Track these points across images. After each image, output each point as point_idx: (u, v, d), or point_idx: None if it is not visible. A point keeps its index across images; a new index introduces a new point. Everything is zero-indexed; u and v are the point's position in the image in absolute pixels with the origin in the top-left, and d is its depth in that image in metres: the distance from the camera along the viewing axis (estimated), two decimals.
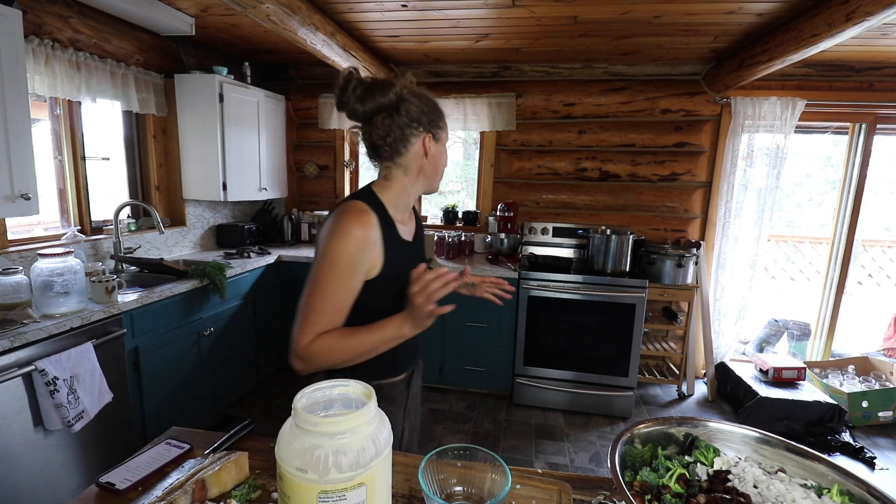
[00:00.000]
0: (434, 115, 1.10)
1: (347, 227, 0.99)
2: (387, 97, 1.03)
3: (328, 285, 0.98)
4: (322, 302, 0.98)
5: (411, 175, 1.13)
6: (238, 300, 2.83)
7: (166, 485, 0.82)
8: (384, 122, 1.05)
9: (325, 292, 0.98)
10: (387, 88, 1.03)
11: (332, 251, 0.98)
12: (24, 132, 1.79)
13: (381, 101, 1.03)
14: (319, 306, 0.98)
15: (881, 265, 5.56)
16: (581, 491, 0.89)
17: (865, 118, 3.18)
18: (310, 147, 3.94)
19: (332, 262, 0.98)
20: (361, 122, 1.09)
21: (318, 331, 0.97)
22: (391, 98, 1.03)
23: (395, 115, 1.04)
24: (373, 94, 1.03)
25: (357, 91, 1.03)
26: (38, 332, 1.64)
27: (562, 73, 3.41)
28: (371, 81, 1.04)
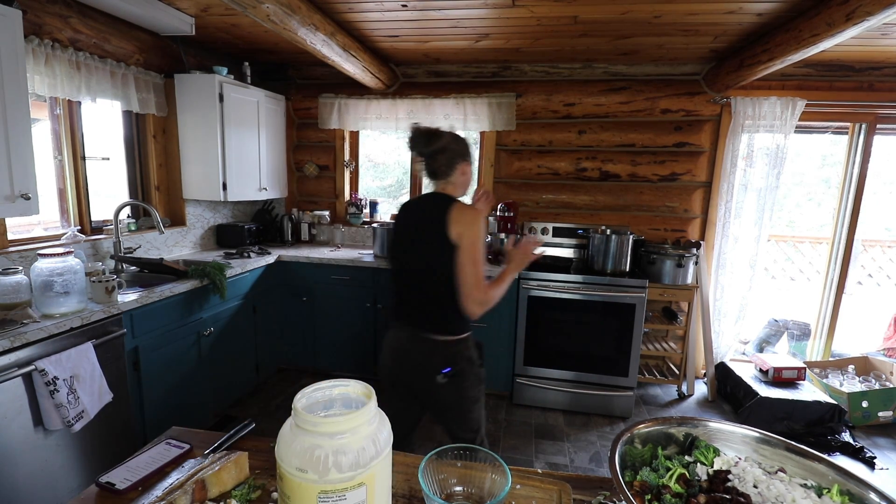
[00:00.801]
0: (467, 149, 1.70)
1: (480, 217, 1.57)
2: (441, 141, 1.64)
3: (482, 254, 1.55)
4: (482, 266, 1.55)
5: (457, 188, 1.71)
6: (238, 300, 2.83)
7: (166, 485, 0.82)
8: (440, 157, 1.64)
9: (481, 259, 1.55)
10: (440, 136, 1.65)
11: (480, 233, 1.54)
12: (24, 132, 1.79)
13: (438, 145, 1.64)
14: (482, 269, 1.55)
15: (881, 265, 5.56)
16: (581, 491, 0.89)
17: (865, 118, 3.18)
18: (310, 147, 3.93)
19: (481, 239, 1.54)
20: (425, 157, 1.67)
21: (485, 285, 1.54)
22: (443, 142, 1.64)
23: (446, 152, 1.64)
24: (431, 139, 1.65)
25: (422, 138, 1.66)
26: (38, 332, 1.64)
27: (562, 73, 3.41)
28: (430, 132, 1.66)
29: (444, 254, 1.53)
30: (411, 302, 1.66)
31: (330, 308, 3.28)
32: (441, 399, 1.63)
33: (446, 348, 1.60)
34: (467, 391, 1.64)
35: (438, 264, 1.56)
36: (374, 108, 3.64)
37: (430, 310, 1.61)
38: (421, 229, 1.62)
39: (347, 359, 3.34)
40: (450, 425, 1.70)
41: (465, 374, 1.62)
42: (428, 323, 1.61)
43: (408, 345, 1.64)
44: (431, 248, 1.57)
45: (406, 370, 1.65)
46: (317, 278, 3.26)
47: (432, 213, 1.59)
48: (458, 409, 1.65)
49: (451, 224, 1.53)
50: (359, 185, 4.10)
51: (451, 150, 1.64)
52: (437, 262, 1.56)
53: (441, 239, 1.53)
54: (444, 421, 1.71)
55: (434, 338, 1.59)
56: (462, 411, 1.66)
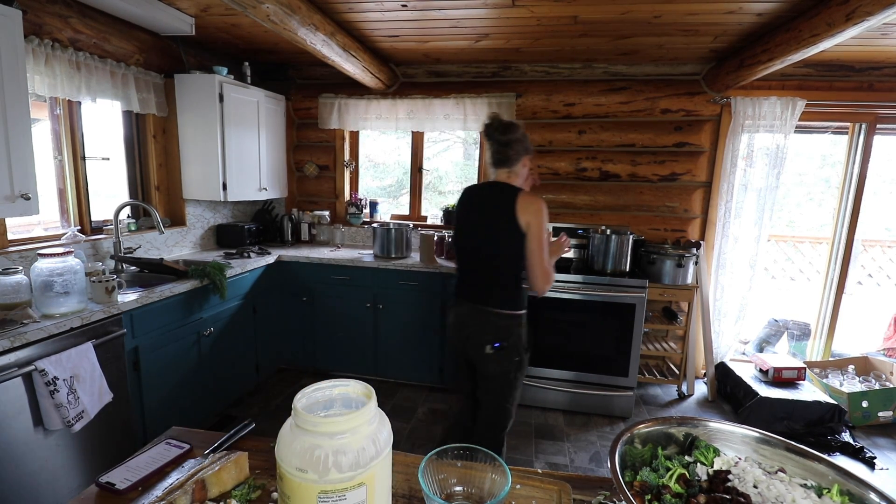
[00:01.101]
0: (530, 144, 1.87)
1: (544, 206, 1.77)
2: (516, 133, 1.80)
3: (547, 239, 1.77)
4: (546, 249, 1.78)
5: (519, 178, 1.87)
6: (238, 300, 2.83)
7: (166, 485, 0.82)
8: (513, 147, 1.80)
9: (546, 243, 1.77)
10: (515, 127, 1.80)
11: (545, 221, 1.75)
12: (24, 132, 1.79)
13: (513, 135, 1.79)
14: (547, 252, 1.78)
15: (881, 265, 5.56)
16: (581, 491, 0.89)
17: (865, 118, 3.18)
18: (310, 147, 3.93)
19: (546, 226, 1.76)
20: (498, 145, 1.80)
21: (549, 266, 1.79)
22: (518, 134, 1.80)
23: (518, 143, 1.80)
24: (508, 129, 1.79)
25: (500, 127, 1.79)
26: (38, 332, 1.64)
27: (562, 73, 3.41)
28: (507, 123, 1.81)
29: (511, 238, 1.75)
30: (475, 280, 1.88)
31: (330, 308, 3.28)
32: (489, 371, 1.85)
33: (502, 321, 1.81)
34: (510, 370, 1.83)
35: (505, 247, 1.78)
36: (374, 108, 3.64)
37: (492, 287, 1.83)
38: (488, 215, 1.83)
39: (347, 359, 3.34)
40: (487, 408, 1.91)
41: (512, 350, 1.82)
42: (489, 298, 1.83)
43: (468, 318, 1.87)
44: (499, 233, 1.78)
45: (464, 340, 1.89)
46: (317, 278, 3.26)
47: (500, 200, 1.78)
48: (498, 386, 1.86)
49: (519, 213, 1.73)
50: (359, 185, 4.10)
51: (521, 142, 1.80)
52: (503, 246, 1.78)
53: (509, 225, 1.74)
54: (484, 398, 1.91)
55: (493, 311, 1.81)
56: (502, 393, 1.86)
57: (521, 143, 1.81)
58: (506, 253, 1.78)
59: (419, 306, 3.14)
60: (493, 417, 1.89)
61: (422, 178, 3.91)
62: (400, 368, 3.29)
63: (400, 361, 3.28)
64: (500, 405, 1.88)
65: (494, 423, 1.90)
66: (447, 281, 3.07)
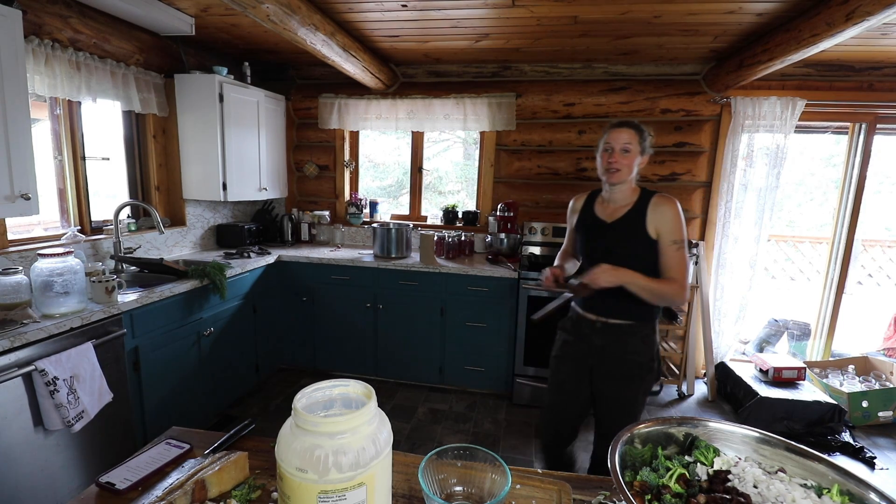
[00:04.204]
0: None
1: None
2: (645, 134, 1.69)
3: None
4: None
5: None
6: (238, 300, 2.83)
7: (166, 485, 0.82)
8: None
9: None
10: (643, 129, 1.68)
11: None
12: (24, 132, 1.79)
13: (645, 139, 1.68)
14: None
15: (881, 265, 5.56)
16: (581, 491, 0.89)
17: (865, 118, 3.18)
18: (310, 147, 3.93)
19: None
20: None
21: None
22: (645, 134, 1.69)
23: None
24: (640, 129, 1.68)
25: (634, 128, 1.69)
26: (38, 332, 1.64)
27: (562, 73, 3.41)
28: (637, 124, 1.69)
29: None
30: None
31: (330, 308, 3.28)
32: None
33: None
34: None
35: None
36: (374, 108, 3.64)
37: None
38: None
39: (347, 359, 3.34)
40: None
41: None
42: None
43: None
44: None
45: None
46: (317, 278, 3.26)
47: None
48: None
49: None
50: (359, 185, 4.10)
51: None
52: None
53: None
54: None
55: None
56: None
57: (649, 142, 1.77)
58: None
59: (419, 306, 3.14)
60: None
61: (422, 178, 3.91)
62: (400, 368, 3.29)
63: (400, 361, 3.28)
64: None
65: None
66: (447, 281, 3.07)
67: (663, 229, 1.57)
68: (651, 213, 1.60)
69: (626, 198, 1.67)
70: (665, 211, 1.58)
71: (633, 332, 1.66)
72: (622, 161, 1.61)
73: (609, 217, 1.69)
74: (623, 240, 1.64)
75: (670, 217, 1.58)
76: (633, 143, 1.61)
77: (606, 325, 1.68)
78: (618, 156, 1.60)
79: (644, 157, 1.66)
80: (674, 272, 1.57)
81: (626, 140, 1.61)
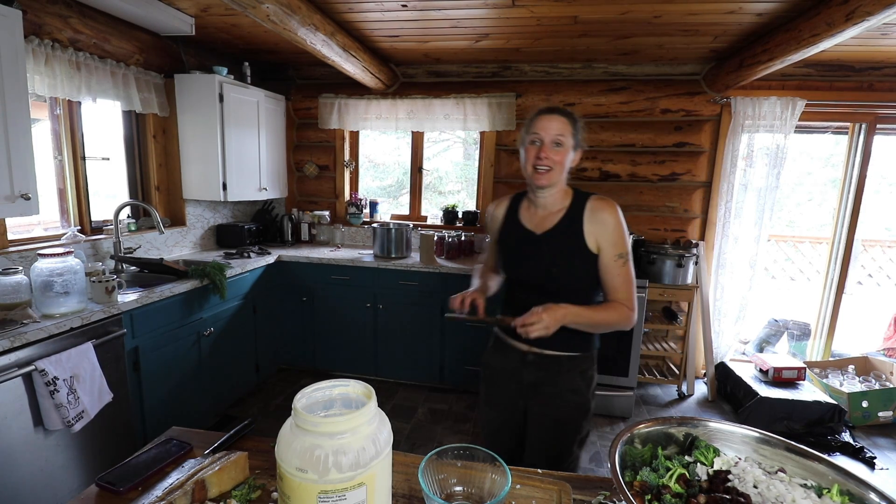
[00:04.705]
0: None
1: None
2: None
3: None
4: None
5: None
6: (238, 300, 2.83)
7: (166, 485, 0.82)
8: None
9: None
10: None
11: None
12: (24, 132, 1.79)
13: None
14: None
15: (881, 265, 5.56)
16: (581, 491, 0.89)
17: (865, 118, 3.18)
18: (310, 147, 3.93)
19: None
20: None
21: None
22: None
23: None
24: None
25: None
26: (38, 332, 1.64)
27: (562, 73, 3.41)
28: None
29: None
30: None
31: (330, 308, 3.28)
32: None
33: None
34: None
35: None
36: (374, 108, 3.64)
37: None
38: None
39: (347, 359, 3.34)
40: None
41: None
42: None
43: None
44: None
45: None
46: (317, 278, 3.26)
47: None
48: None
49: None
50: (359, 185, 4.10)
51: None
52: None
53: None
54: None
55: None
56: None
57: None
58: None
59: (419, 306, 3.14)
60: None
61: (422, 178, 3.91)
62: (400, 368, 3.29)
63: (400, 361, 3.28)
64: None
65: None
66: (447, 281, 3.07)
67: (605, 241, 1.31)
68: (588, 220, 1.33)
69: (557, 202, 1.38)
70: (605, 219, 1.31)
71: (572, 366, 1.38)
72: (553, 157, 1.30)
73: (538, 227, 1.39)
74: (557, 255, 1.35)
75: (612, 226, 1.31)
76: (565, 135, 1.31)
77: (540, 357, 1.38)
78: (548, 150, 1.30)
79: (577, 153, 1.38)
80: (621, 293, 1.32)
81: (558, 131, 1.30)
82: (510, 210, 1.50)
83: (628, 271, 1.31)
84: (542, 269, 1.37)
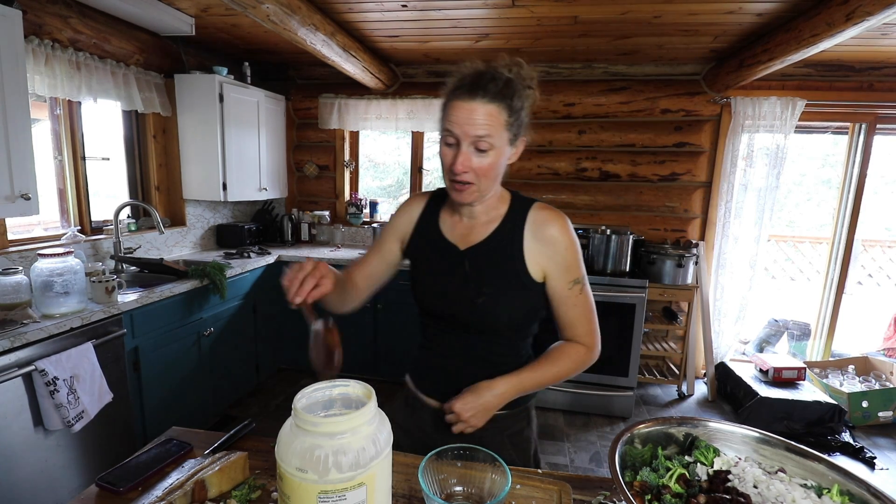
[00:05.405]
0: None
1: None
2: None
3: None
4: None
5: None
6: (238, 300, 2.83)
7: (166, 485, 0.82)
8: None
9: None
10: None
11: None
12: (24, 132, 1.79)
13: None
14: None
15: (881, 265, 5.56)
16: (581, 491, 0.89)
17: (865, 118, 3.18)
18: (310, 147, 3.93)
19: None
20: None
21: None
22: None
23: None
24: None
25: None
26: (38, 332, 1.64)
27: (562, 73, 3.41)
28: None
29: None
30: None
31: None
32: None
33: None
34: None
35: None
36: (374, 108, 3.64)
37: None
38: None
39: (348, 359, 3.33)
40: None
41: None
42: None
43: None
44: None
45: None
46: None
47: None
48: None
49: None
50: (359, 185, 4.10)
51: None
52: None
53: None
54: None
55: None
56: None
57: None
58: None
59: None
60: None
61: (422, 178, 3.91)
62: (400, 368, 3.28)
63: (400, 361, 3.27)
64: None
65: None
66: None
67: (555, 266, 0.98)
68: (531, 237, 0.99)
69: (490, 209, 1.03)
70: (554, 237, 0.98)
71: (502, 427, 1.04)
72: (477, 167, 0.91)
73: (463, 241, 1.03)
74: (485, 280, 0.99)
75: (563, 245, 0.98)
76: (494, 132, 0.89)
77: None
78: (467, 158, 0.90)
79: (518, 145, 0.97)
80: (580, 328, 1.02)
81: (483, 129, 0.88)
82: (427, 213, 1.09)
83: (587, 299, 1.02)
84: (464, 297, 0.99)
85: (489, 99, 0.89)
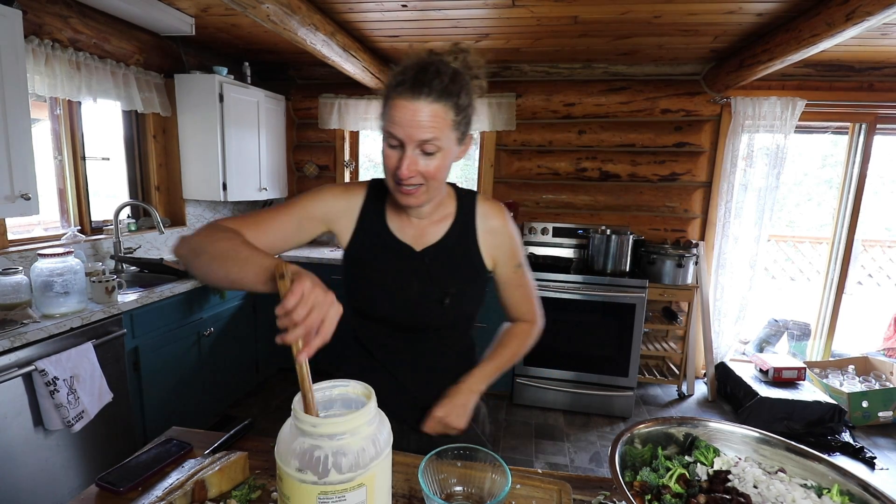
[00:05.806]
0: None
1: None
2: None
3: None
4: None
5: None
6: (238, 300, 2.83)
7: (166, 485, 0.82)
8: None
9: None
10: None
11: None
12: (24, 132, 1.79)
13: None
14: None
15: (881, 265, 5.56)
16: (581, 491, 0.89)
17: (865, 118, 3.18)
18: (310, 147, 3.93)
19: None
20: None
21: None
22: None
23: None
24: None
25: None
26: (38, 332, 1.64)
27: (562, 73, 3.41)
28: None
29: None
30: None
31: None
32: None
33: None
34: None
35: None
36: (374, 108, 3.63)
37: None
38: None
39: None
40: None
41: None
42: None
43: None
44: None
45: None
46: None
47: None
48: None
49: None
50: None
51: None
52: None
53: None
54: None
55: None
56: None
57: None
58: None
59: None
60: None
61: None
62: None
63: None
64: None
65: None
66: None
67: (502, 253, 1.04)
68: (483, 229, 1.02)
69: (440, 208, 1.02)
70: (498, 227, 1.03)
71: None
72: (423, 170, 0.86)
73: (417, 241, 1.01)
74: (450, 280, 1.00)
75: (507, 233, 1.03)
76: (441, 134, 0.84)
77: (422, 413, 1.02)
78: (413, 162, 0.85)
79: (465, 142, 0.93)
80: (524, 307, 1.10)
81: (429, 131, 0.83)
82: (369, 208, 1.02)
83: (528, 280, 1.09)
84: (427, 300, 0.98)
85: (434, 98, 0.82)
